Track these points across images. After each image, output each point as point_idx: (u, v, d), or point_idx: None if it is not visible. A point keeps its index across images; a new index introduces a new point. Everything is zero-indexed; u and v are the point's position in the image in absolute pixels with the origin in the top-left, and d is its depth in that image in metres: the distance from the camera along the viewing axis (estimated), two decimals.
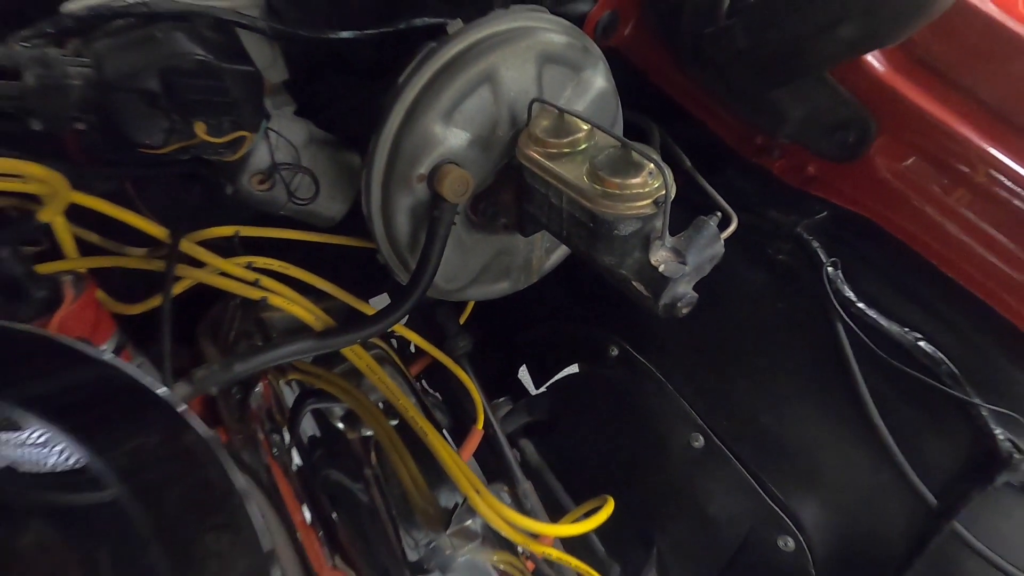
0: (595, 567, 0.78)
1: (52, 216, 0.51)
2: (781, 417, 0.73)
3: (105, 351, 0.43)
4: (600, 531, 0.86)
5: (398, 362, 0.76)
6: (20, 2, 0.46)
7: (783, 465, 0.72)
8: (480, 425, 0.84)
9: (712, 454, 0.76)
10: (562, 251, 0.86)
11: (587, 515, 0.77)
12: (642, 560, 0.81)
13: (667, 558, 0.80)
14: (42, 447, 0.33)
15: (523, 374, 1.15)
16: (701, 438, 0.77)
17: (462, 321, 0.93)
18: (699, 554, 0.78)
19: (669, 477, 0.80)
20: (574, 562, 0.69)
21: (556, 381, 0.98)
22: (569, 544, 0.79)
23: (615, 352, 0.87)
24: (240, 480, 0.31)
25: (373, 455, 0.72)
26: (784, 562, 0.71)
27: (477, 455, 0.88)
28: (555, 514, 0.85)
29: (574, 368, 1.01)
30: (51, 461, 0.33)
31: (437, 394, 0.99)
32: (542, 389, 1.01)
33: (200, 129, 0.51)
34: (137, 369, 0.35)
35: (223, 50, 0.53)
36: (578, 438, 0.92)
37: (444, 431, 0.77)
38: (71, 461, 0.32)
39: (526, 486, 0.82)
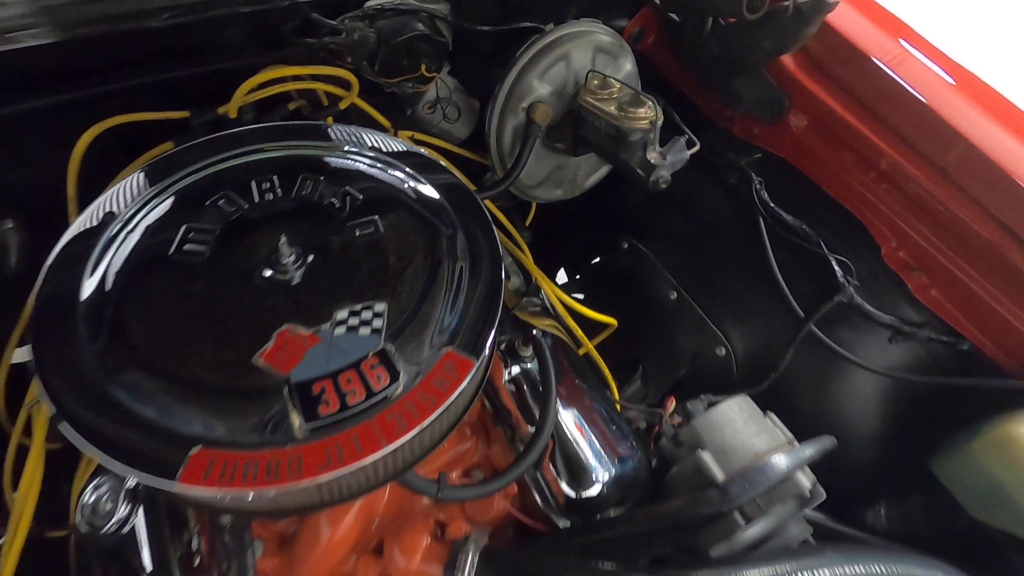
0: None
1: (345, 106, 1.00)
2: (722, 276, 1.19)
3: None
4: (604, 360, 1.32)
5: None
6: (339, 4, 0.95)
7: (721, 305, 1.18)
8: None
9: (681, 302, 1.22)
10: (595, 177, 1.33)
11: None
12: (631, 374, 1.27)
13: (648, 371, 1.26)
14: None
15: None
16: (675, 293, 1.23)
17: (527, 223, 1.40)
18: (669, 365, 1.23)
19: (653, 320, 1.26)
20: (596, 354, 1.14)
21: (583, 270, 1.44)
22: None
23: (625, 246, 1.33)
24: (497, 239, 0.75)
25: None
26: (719, 363, 1.16)
27: None
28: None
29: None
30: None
31: None
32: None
33: (424, 68, 0.99)
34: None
35: (434, 29, 1.01)
36: (597, 304, 1.37)
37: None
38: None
39: None
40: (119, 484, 0.76)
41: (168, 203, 0.69)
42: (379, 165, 0.78)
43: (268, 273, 0.64)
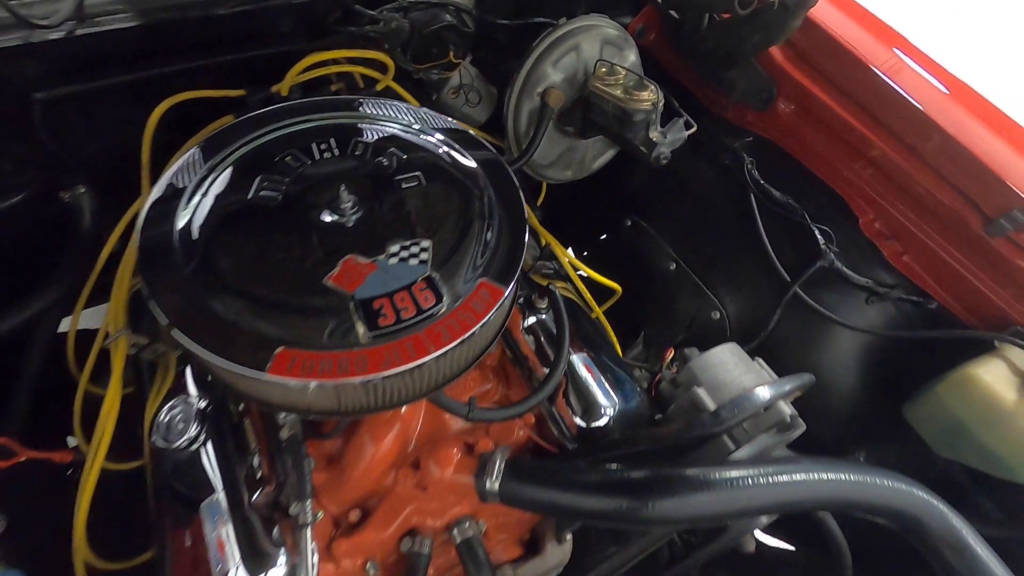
0: None
1: (381, 87, 1.12)
2: (717, 247, 1.30)
3: None
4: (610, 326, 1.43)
5: None
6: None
7: (716, 273, 1.29)
8: None
9: (680, 272, 1.34)
10: (602, 160, 1.45)
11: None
12: (633, 340, 1.38)
13: (649, 336, 1.37)
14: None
15: None
16: (674, 264, 1.35)
17: (539, 203, 1.52)
18: (668, 330, 1.34)
19: (654, 290, 1.38)
20: (603, 318, 1.26)
21: (590, 247, 1.56)
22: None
23: (629, 223, 1.45)
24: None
25: None
26: (714, 326, 1.27)
27: None
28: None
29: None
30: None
31: None
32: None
33: (452, 54, 1.12)
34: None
35: (461, 21, 1.14)
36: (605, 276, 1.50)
37: None
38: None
39: None
40: (190, 407, 0.88)
41: (243, 159, 0.80)
42: (424, 135, 0.90)
43: (331, 216, 0.75)
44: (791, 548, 1.29)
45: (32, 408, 1.06)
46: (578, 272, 1.24)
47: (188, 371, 0.93)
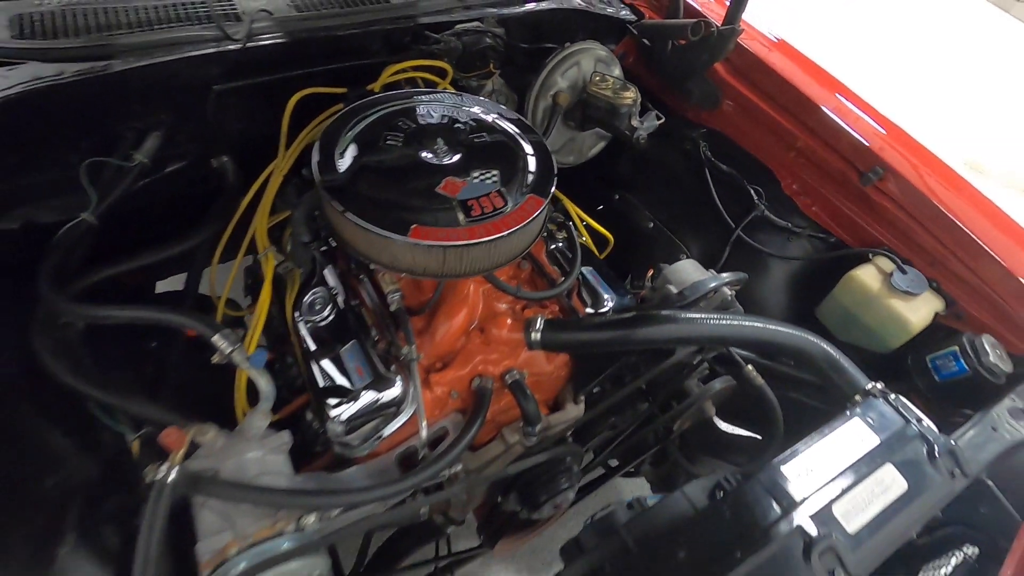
0: None
1: (442, 87, 1.56)
2: (682, 208, 1.76)
3: None
4: None
5: None
6: (423, 28, 1.54)
7: (682, 227, 1.75)
8: None
9: (656, 229, 1.79)
10: (596, 149, 1.91)
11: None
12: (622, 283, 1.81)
13: (634, 280, 1.80)
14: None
15: None
16: (651, 224, 1.80)
17: None
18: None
19: (637, 243, 1.82)
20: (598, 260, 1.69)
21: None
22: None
23: (617, 196, 1.91)
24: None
25: None
26: None
27: None
28: None
29: None
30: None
31: None
32: None
33: (492, 65, 1.57)
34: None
35: (497, 43, 1.60)
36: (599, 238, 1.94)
37: None
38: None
39: None
40: (326, 293, 1.28)
41: (371, 124, 1.24)
42: (485, 112, 1.35)
43: (434, 157, 1.18)
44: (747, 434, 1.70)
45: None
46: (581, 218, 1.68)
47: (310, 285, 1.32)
